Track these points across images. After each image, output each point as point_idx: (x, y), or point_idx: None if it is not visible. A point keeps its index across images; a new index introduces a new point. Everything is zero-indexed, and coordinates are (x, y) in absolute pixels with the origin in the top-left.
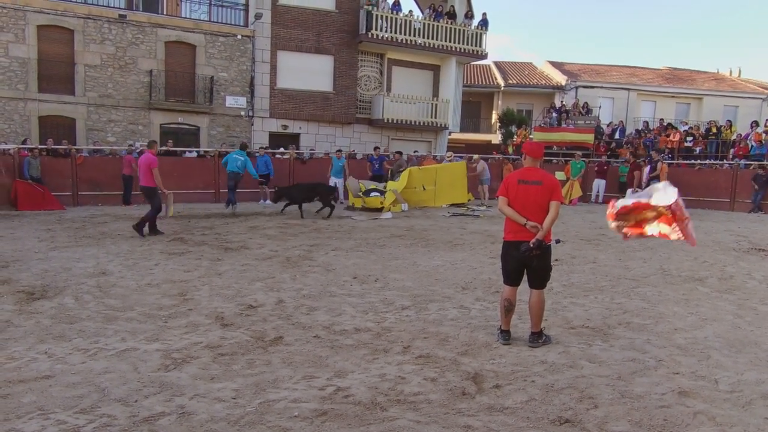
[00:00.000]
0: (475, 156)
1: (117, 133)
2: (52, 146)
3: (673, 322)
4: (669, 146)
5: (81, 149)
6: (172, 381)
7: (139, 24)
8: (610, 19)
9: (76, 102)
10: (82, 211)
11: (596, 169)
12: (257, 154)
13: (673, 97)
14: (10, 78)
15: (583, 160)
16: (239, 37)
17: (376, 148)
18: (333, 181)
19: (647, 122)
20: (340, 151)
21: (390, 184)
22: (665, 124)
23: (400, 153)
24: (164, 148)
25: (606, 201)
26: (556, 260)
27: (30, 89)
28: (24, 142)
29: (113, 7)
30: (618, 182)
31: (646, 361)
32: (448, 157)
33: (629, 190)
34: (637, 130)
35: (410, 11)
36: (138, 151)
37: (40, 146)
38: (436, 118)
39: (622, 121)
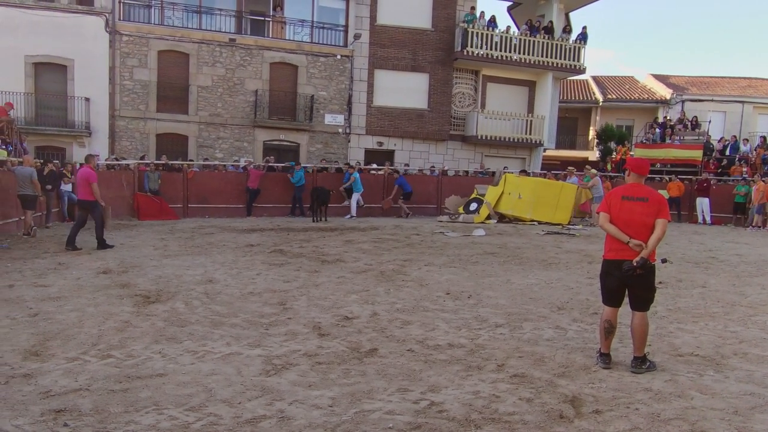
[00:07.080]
0: (593, 170)
1: (224, 150)
2: (166, 161)
3: None
4: None
5: (192, 164)
6: (273, 386)
7: (247, 47)
8: (722, 32)
9: (188, 121)
10: (191, 222)
11: (697, 187)
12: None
13: None
14: (133, 99)
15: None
16: (339, 57)
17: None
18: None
19: (764, 137)
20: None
21: (489, 191)
22: None
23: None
24: (262, 163)
25: (715, 221)
26: (660, 283)
27: (149, 109)
28: (142, 158)
29: (224, 32)
30: (733, 202)
31: (767, 396)
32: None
33: None
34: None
35: (507, 27)
36: (253, 165)
37: (155, 161)
38: (530, 134)
39: (734, 136)
